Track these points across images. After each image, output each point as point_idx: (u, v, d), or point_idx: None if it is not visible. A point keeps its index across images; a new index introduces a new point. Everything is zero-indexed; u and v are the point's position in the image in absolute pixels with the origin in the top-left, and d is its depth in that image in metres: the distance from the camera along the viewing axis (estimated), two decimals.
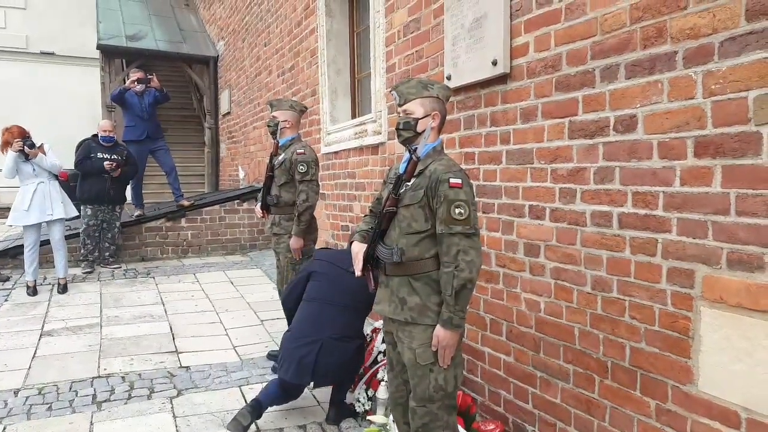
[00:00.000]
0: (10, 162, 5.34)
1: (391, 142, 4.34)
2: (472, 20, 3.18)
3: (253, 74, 8.58)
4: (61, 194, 5.63)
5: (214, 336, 4.45)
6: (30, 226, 5.48)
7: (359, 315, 3.13)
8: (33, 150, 5.37)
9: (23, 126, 5.53)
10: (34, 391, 3.42)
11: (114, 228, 6.62)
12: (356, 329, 3.12)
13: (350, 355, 3.02)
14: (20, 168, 5.42)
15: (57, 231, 5.62)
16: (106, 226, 6.54)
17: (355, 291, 2.99)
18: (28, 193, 5.42)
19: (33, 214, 5.42)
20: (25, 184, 5.47)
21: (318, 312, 3.07)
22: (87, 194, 6.32)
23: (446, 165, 2.09)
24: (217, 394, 3.41)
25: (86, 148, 6.38)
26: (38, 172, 5.49)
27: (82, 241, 6.41)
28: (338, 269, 3.17)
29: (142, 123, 7.09)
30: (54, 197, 5.52)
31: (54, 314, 4.91)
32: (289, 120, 3.97)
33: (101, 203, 6.37)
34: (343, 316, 3.05)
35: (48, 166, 5.50)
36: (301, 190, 3.79)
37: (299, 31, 6.39)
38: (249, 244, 7.67)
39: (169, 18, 11.76)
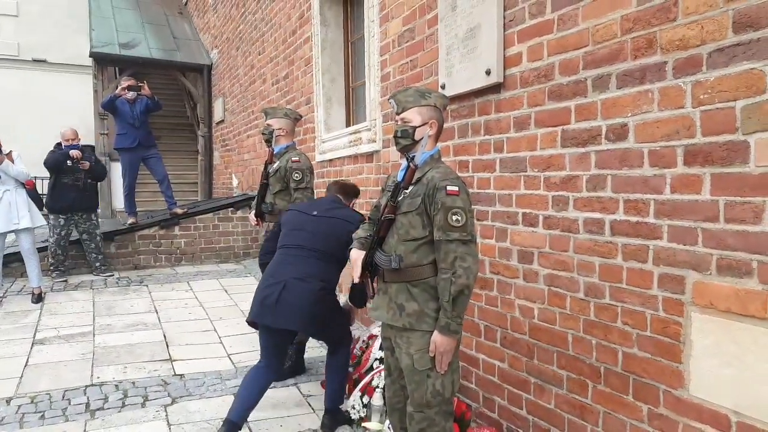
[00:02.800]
0: None
1: (386, 150, 4.37)
2: (466, 30, 3.22)
3: (247, 83, 8.60)
4: (28, 203, 5.53)
5: (208, 344, 4.44)
6: None
7: (328, 260, 3.08)
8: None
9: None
10: (27, 400, 3.40)
11: (96, 237, 6.57)
12: (323, 273, 3.05)
13: (315, 296, 2.95)
14: None
15: (26, 241, 5.51)
16: (86, 237, 6.48)
17: (323, 234, 3.08)
18: None
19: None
20: None
21: (284, 257, 3.11)
22: (59, 203, 6.22)
23: (443, 173, 2.13)
24: (212, 402, 3.41)
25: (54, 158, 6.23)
26: (5, 180, 5.39)
27: (53, 252, 6.33)
28: (304, 215, 3.25)
29: (134, 131, 7.06)
30: (21, 206, 5.43)
31: (46, 322, 4.88)
32: (283, 128, 3.99)
33: (74, 211, 6.31)
34: (309, 260, 3.05)
35: (14, 173, 5.40)
36: (296, 197, 3.80)
37: (294, 40, 6.43)
38: (243, 252, 7.67)
39: (162, 26, 11.78)
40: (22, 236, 5.49)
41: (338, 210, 3.27)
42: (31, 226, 5.51)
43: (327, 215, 3.20)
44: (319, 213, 3.22)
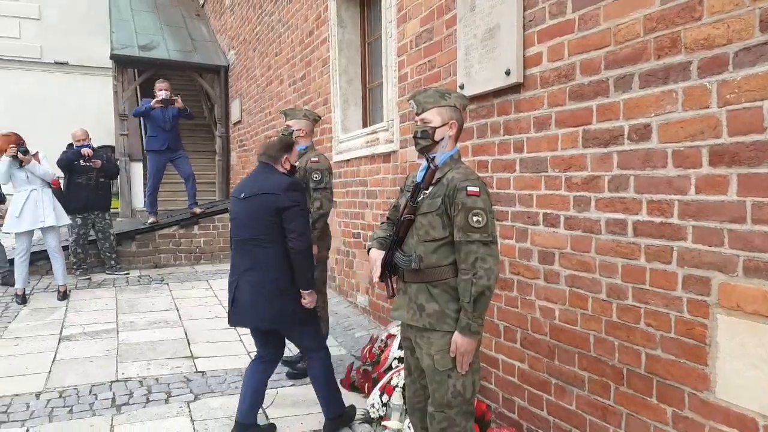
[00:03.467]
0: (4, 167, 5.42)
1: (403, 151, 4.39)
2: (484, 31, 3.22)
3: (264, 83, 8.66)
4: (53, 202, 5.68)
5: (228, 342, 4.49)
6: (22, 234, 5.52)
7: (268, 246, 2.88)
8: (26, 156, 5.43)
9: (24, 133, 5.63)
10: (55, 394, 3.47)
11: (109, 236, 6.71)
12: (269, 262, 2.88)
13: (267, 290, 2.84)
14: (14, 174, 5.49)
15: (51, 239, 5.65)
16: (101, 235, 6.63)
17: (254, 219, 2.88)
18: (21, 201, 5.49)
19: (25, 222, 5.46)
20: (19, 191, 5.54)
21: (233, 252, 3.06)
22: (74, 203, 6.37)
23: (464, 173, 2.13)
24: (234, 399, 3.43)
25: (66, 159, 6.47)
26: (31, 180, 5.55)
27: (74, 251, 6.49)
28: (236, 201, 3.04)
29: (164, 134, 7.30)
30: (46, 205, 5.57)
31: (72, 320, 4.98)
32: (303, 129, 4.02)
33: (90, 210, 6.46)
34: (252, 251, 2.91)
35: (40, 173, 5.56)
36: (315, 197, 3.83)
37: (311, 41, 6.46)
38: None
39: (180, 28, 11.90)
40: (48, 234, 5.61)
41: (264, 182, 2.98)
42: (56, 225, 5.63)
43: (253, 193, 2.95)
44: (246, 194, 2.97)
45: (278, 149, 3.14)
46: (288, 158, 3.15)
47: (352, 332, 4.75)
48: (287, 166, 3.14)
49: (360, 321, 5.01)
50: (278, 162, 3.10)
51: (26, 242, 5.58)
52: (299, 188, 3.06)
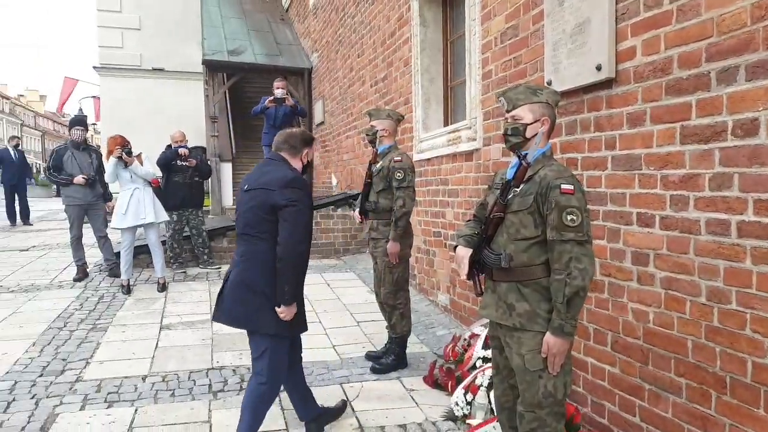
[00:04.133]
0: (111, 167, 5.88)
1: (486, 149, 4.36)
2: (574, 25, 3.15)
3: (347, 85, 8.85)
4: (153, 200, 6.10)
5: (314, 335, 4.63)
6: (126, 229, 5.97)
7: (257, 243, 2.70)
8: (129, 157, 5.86)
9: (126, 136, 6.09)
10: (159, 378, 3.75)
11: (202, 232, 7.11)
12: (257, 255, 2.70)
13: (246, 282, 2.68)
14: (119, 174, 5.94)
15: (152, 234, 6.09)
16: (195, 231, 7.04)
17: (249, 212, 2.72)
18: (125, 199, 5.93)
19: (129, 218, 5.91)
20: (124, 190, 5.99)
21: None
22: (171, 200, 6.79)
23: (557, 171, 2.11)
24: (321, 391, 3.57)
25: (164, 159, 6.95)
26: (135, 179, 5.99)
27: (170, 246, 6.93)
28: (241, 193, 2.88)
29: (274, 131, 7.58)
30: (147, 203, 5.99)
31: (170, 310, 5.33)
32: (386, 129, 4.09)
33: (185, 207, 6.90)
34: (244, 246, 2.78)
35: (142, 173, 5.98)
36: (398, 196, 3.89)
37: (392, 42, 6.54)
38: (342, 249, 7.92)
39: (266, 32, 12.39)
40: (149, 230, 6.04)
41: (266, 175, 2.78)
42: (155, 221, 6.05)
43: (254, 187, 2.76)
44: (249, 186, 2.79)
45: (301, 141, 2.92)
46: (308, 152, 2.96)
47: (433, 330, 4.78)
48: (305, 161, 2.93)
49: (441, 319, 5.03)
50: (297, 155, 2.89)
51: (130, 237, 6.04)
52: (300, 185, 2.75)
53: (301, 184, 2.76)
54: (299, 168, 2.89)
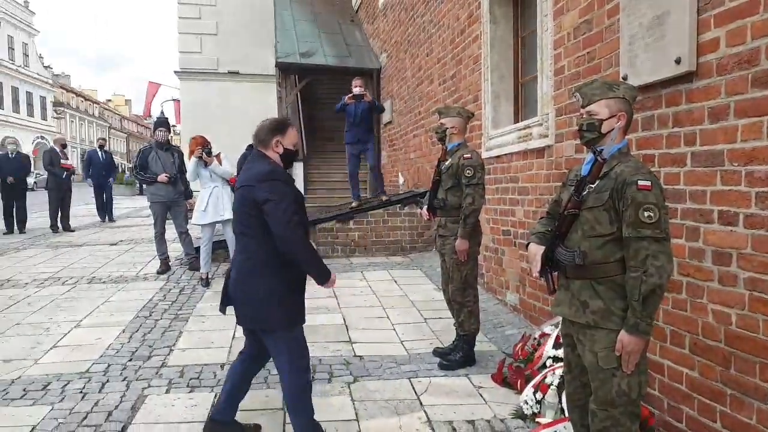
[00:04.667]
0: (192, 166, 6.20)
1: (558, 145, 4.30)
2: (651, 18, 3.07)
3: (415, 84, 8.91)
4: (231, 198, 6.35)
5: (382, 330, 4.74)
6: (206, 225, 6.28)
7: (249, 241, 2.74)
8: (209, 157, 6.16)
9: (206, 136, 6.40)
10: None
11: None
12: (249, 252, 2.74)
13: (244, 272, 2.72)
14: (199, 172, 6.25)
15: (230, 230, 6.35)
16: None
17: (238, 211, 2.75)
18: (205, 196, 6.24)
19: (208, 215, 6.22)
20: (204, 188, 6.30)
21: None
22: None
23: (634, 167, 2.07)
24: (389, 384, 3.65)
25: (243, 158, 7.19)
26: (214, 178, 6.29)
27: None
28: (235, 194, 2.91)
29: (354, 128, 7.88)
30: (225, 200, 6.26)
31: None
32: (456, 126, 4.11)
33: None
34: (240, 242, 2.83)
35: (220, 172, 6.27)
36: (467, 193, 3.90)
37: (462, 40, 6.54)
38: (409, 246, 7.99)
39: (336, 34, 12.65)
40: (227, 226, 6.35)
41: (248, 171, 2.78)
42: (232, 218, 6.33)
43: (240, 184, 2.78)
44: (238, 184, 2.83)
45: (267, 131, 2.80)
46: (279, 141, 2.79)
47: (502, 330, 4.76)
48: (279, 150, 2.79)
49: (510, 319, 5.00)
50: (268, 146, 2.79)
51: (209, 233, 6.36)
52: (276, 177, 2.69)
53: (277, 176, 2.70)
54: (276, 158, 2.80)
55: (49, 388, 3.59)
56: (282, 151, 2.80)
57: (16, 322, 4.97)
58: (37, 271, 7.05)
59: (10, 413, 3.25)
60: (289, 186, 2.76)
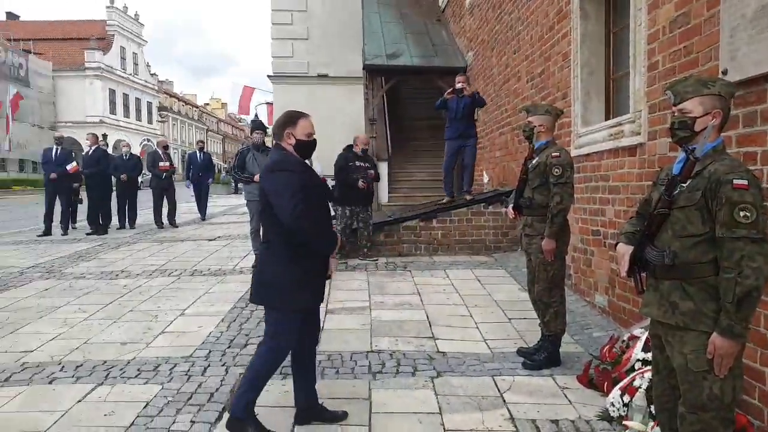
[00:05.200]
0: None
1: (651, 143, 4.15)
2: (756, 9, 2.92)
3: (501, 82, 8.83)
4: None
5: (465, 328, 4.78)
6: None
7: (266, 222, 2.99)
8: None
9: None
10: (325, 357, 4.13)
11: (369, 226, 7.59)
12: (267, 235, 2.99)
13: (262, 258, 2.98)
14: None
15: None
16: (362, 225, 7.55)
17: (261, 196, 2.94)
18: None
19: None
20: None
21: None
22: (346, 197, 7.43)
23: (729, 165, 2.01)
24: (472, 380, 3.70)
25: (343, 158, 7.54)
26: None
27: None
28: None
29: (455, 122, 7.94)
30: None
31: (334, 296, 5.81)
32: (544, 124, 4.08)
33: (358, 204, 7.47)
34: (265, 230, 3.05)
35: None
36: (555, 192, 3.86)
37: (550, 36, 6.43)
38: (493, 246, 7.94)
39: (422, 34, 12.75)
40: None
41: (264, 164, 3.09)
42: None
43: (261, 176, 3.04)
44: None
45: (280, 124, 2.98)
46: (291, 133, 2.93)
47: (589, 331, 4.66)
48: (291, 141, 2.93)
49: (598, 321, 4.88)
50: (282, 139, 2.95)
51: None
52: (285, 167, 2.86)
53: (284, 166, 2.86)
54: (291, 149, 2.94)
55: (159, 370, 3.94)
56: (294, 142, 2.94)
57: (130, 309, 5.47)
58: (147, 264, 7.70)
59: (127, 390, 3.61)
60: (297, 174, 2.86)
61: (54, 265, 7.73)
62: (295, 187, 2.79)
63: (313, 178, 3.00)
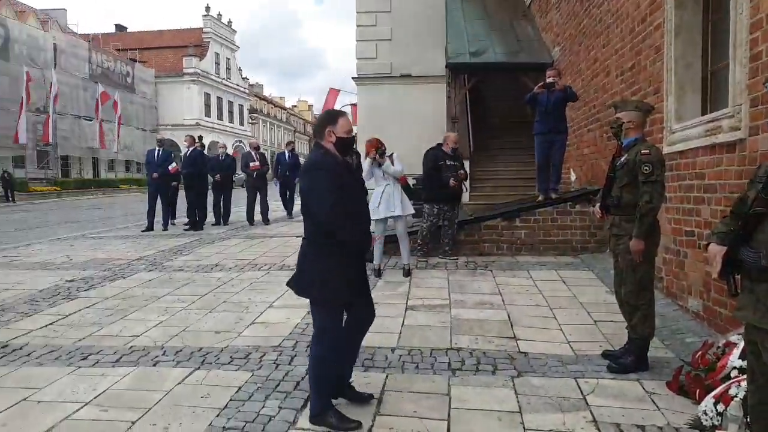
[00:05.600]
0: (366, 167, 6.71)
1: (753, 139, 3.90)
2: None
3: (589, 77, 8.55)
4: (401, 195, 6.79)
5: (547, 329, 4.70)
6: (378, 220, 6.72)
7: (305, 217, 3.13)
8: (381, 158, 6.62)
9: (379, 138, 6.85)
10: (405, 352, 4.22)
11: (454, 225, 7.57)
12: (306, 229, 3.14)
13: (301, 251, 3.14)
14: (373, 172, 6.72)
15: (400, 226, 6.80)
16: (447, 223, 7.53)
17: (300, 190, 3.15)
18: (378, 194, 6.69)
19: (380, 211, 6.66)
20: (377, 186, 6.75)
21: None
22: (436, 195, 7.41)
23: None
24: (554, 381, 3.64)
25: (433, 157, 7.49)
26: (386, 176, 6.72)
27: (423, 235, 7.50)
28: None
29: (545, 117, 7.68)
30: (396, 198, 6.67)
31: (414, 293, 5.89)
32: (633, 120, 3.94)
33: (446, 202, 7.43)
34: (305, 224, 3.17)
35: (391, 171, 6.70)
36: (644, 191, 3.72)
37: (642, 29, 6.15)
38: (580, 246, 7.70)
39: (507, 31, 12.56)
40: (397, 222, 6.76)
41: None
42: (402, 214, 6.73)
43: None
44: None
45: (321, 123, 3.12)
46: (332, 130, 3.05)
47: (681, 336, 4.44)
48: (332, 138, 3.05)
49: (690, 326, 4.63)
50: (323, 137, 3.07)
51: (381, 227, 6.82)
52: (318, 166, 3.02)
53: (319, 165, 3.02)
54: (331, 147, 3.06)
55: (250, 357, 4.18)
56: (335, 140, 3.06)
57: (223, 300, 5.82)
58: (239, 258, 8.14)
59: (221, 375, 3.87)
60: (333, 173, 2.99)
61: (156, 258, 8.36)
62: (329, 186, 2.94)
63: (345, 175, 3.11)
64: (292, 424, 3.14)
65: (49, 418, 3.23)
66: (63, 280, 6.89)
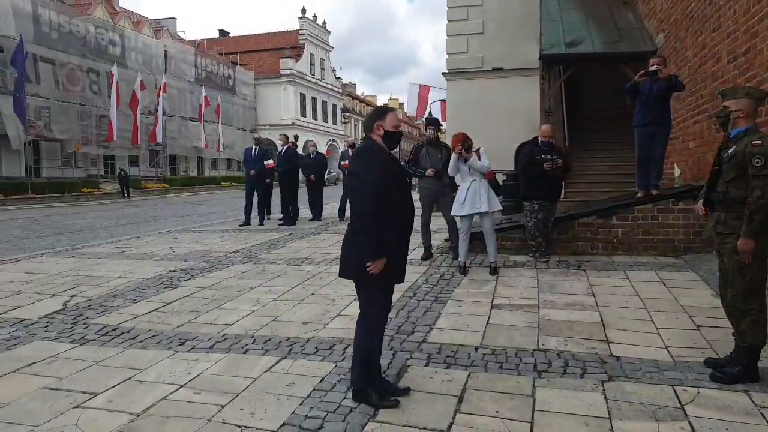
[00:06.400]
0: (452, 162, 6.61)
1: None
2: None
3: (697, 64, 7.94)
4: (488, 191, 6.59)
5: (644, 333, 4.41)
6: (464, 217, 6.60)
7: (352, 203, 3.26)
8: (467, 153, 6.47)
9: (467, 132, 6.69)
10: (489, 351, 4.12)
11: (549, 223, 7.26)
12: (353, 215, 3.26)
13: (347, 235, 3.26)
14: (459, 167, 6.59)
15: (487, 222, 6.62)
16: (543, 219, 7.22)
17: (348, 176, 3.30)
18: (464, 189, 6.57)
19: (466, 207, 6.53)
20: (463, 182, 6.63)
21: None
22: (533, 191, 7.12)
23: None
24: (648, 388, 3.41)
25: (529, 151, 7.20)
26: (472, 172, 6.56)
27: (531, 234, 7.20)
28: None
29: (646, 108, 7.13)
30: (483, 193, 6.49)
31: (501, 292, 5.75)
32: (743, 109, 3.60)
33: (544, 199, 7.10)
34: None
35: (477, 167, 6.51)
36: (755, 185, 3.39)
37: (759, 9, 5.62)
38: (683, 246, 7.17)
39: (606, 19, 11.93)
40: (484, 218, 6.62)
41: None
42: (489, 211, 6.58)
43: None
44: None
45: (370, 117, 3.29)
46: (380, 125, 3.23)
47: None
48: (380, 132, 3.22)
49: None
50: (372, 131, 3.24)
51: (467, 224, 6.70)
52: (366, 154, 3.20)
53: (367, 152, 3.21)
54: (379, 140, 3.24)
55: (334, 349, 4.27)
56: (383, 133, 3.24)
57: (311, 292, 5.99)
58: (328, 252, 8.35)
59: (306, 364, 3.98)
60: (378, 161, 3.15)
61: (251, 251, 8.76)
62: (373, 171, 3.10)
63: (392, 166, 3.25)
64: (372, 417, 3.16)
65: (149, 397, 3.47)
66: (167, 270, 7.40)
